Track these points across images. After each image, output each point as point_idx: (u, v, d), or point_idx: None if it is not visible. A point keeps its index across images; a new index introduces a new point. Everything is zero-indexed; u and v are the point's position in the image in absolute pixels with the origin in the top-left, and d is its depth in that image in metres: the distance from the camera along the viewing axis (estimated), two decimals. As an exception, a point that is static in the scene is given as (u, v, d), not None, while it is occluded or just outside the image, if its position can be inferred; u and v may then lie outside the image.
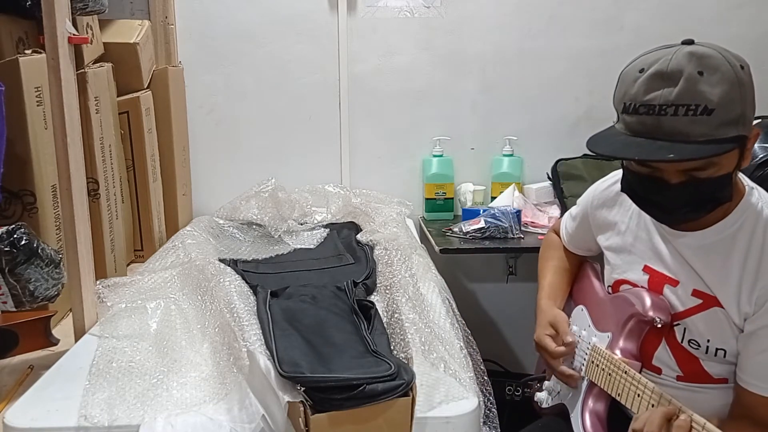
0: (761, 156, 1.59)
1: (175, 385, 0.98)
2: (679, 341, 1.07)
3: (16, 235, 1.07)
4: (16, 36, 1.33)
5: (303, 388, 0.86)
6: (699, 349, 1.05)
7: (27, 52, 1.29)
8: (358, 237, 1.69)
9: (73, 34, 1.17)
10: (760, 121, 0.99)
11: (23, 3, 1.29)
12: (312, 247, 1.69)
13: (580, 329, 1.19)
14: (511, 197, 2.00)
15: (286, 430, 0.88)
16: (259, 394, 0.91)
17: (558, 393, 1.23)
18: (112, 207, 1.59)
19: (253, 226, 1.81)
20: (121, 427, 0.89)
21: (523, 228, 1.89)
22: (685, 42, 0.94)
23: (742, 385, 1.01)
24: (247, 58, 2.08)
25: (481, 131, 2.16)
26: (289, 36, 2.07)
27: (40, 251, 1.10)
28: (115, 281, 1.37)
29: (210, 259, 1.43)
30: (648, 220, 1.12)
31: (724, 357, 1.04)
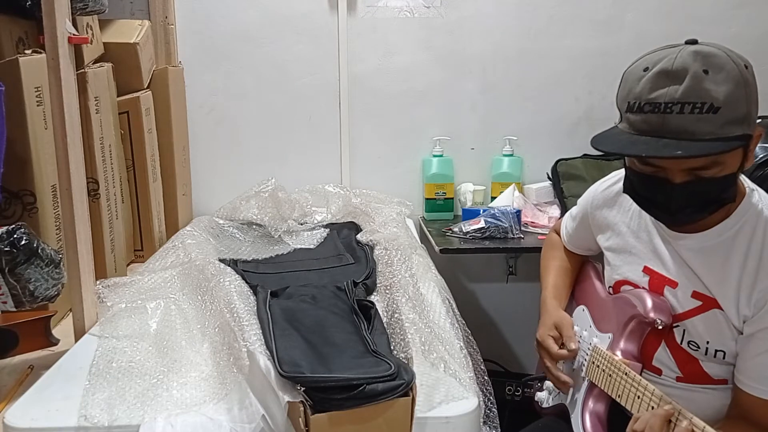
0: (761, 156, 1.59)
1: (175, 385, 0.98)
2: (678, 342, 1.07)
3: (16, 235, 1.06)
4: (16, 36, 1.33)
5: (303, 388, 0.86)
6: (698, 350, 1.05)
7: (27, 52, 1.28)
8: (358, 237, 1.69)
9: (73, 34, 1.17)
10: (760, 121, 0.98)
11: (23, 3, 1.29)
12: (312, 247, 1.69)
13: (582, 330, 1.19)
14: (511, 197, 2.00)
15: (286, 430, 0.87)
16: (259, 394, 0.91)
17: (558, 393, 1.23)
18: (112, 207, 1.59)
19: (253, 226, 1.81)
20: (121, 427, 0.89)
21: (523, 228, 1.89)
22: (689, 42, 0.94)
23: (740, 387, 1.01)
24: (247, 58, 2.08)
25: (481, 131, 2.16)
26: (289, 36, 2.07)
27: (40, 251, 1.09)
28: (115, 281, 1.37)
29: (210, 259, 1.43)
30: (648, 220, 1.12)
31: (724, 358, 1.03)
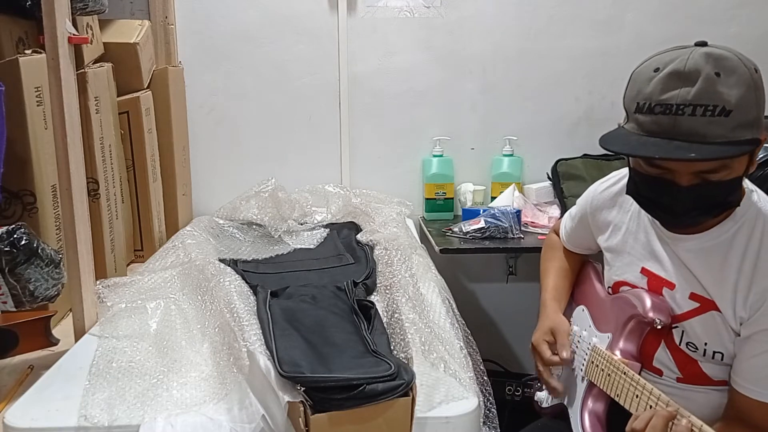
0: (761, 156, 1.59)
1: (175, 385, 0.98)
2: (677, 344, 1.07)
3: (16, 235, 1.06)
4: (16, 36, 1.33)
5: (303, 388, 0.86)
6: (697, 351, 1.05)
7: (27, 52, 1.28)
8: (358, 237, 1.69)
9: (73, 34, 1.17)
10: (760, 121, 0.98)
11: (23, 3, 1.29)
12: (312, 247, 1.69)
13: (581, 329, 1.19)
14: (511, 197, 2.00)
15: (286, 430, 0.87)
16: (259, 394, 0.91)
17: (558, 393, 1.23)
18: (112, 207, 1.59)
19: (253, 226, 1.81)
20: (121, 427, 0.89)
21: (523, 228, 1.89)
22: (699, 43, 0.93)
23: (737, 389, 1.00)
24: (247, 57, 2.08)
25: (481, 131, 2.16)
26: (289, 36, 2.07)
27: (40, 251, 1.09)
28: (115, 281, 1.37)
29: (210, 259, 1.43)
30: (647, 221, 1.12)
31: (722, 360, 1.03)
